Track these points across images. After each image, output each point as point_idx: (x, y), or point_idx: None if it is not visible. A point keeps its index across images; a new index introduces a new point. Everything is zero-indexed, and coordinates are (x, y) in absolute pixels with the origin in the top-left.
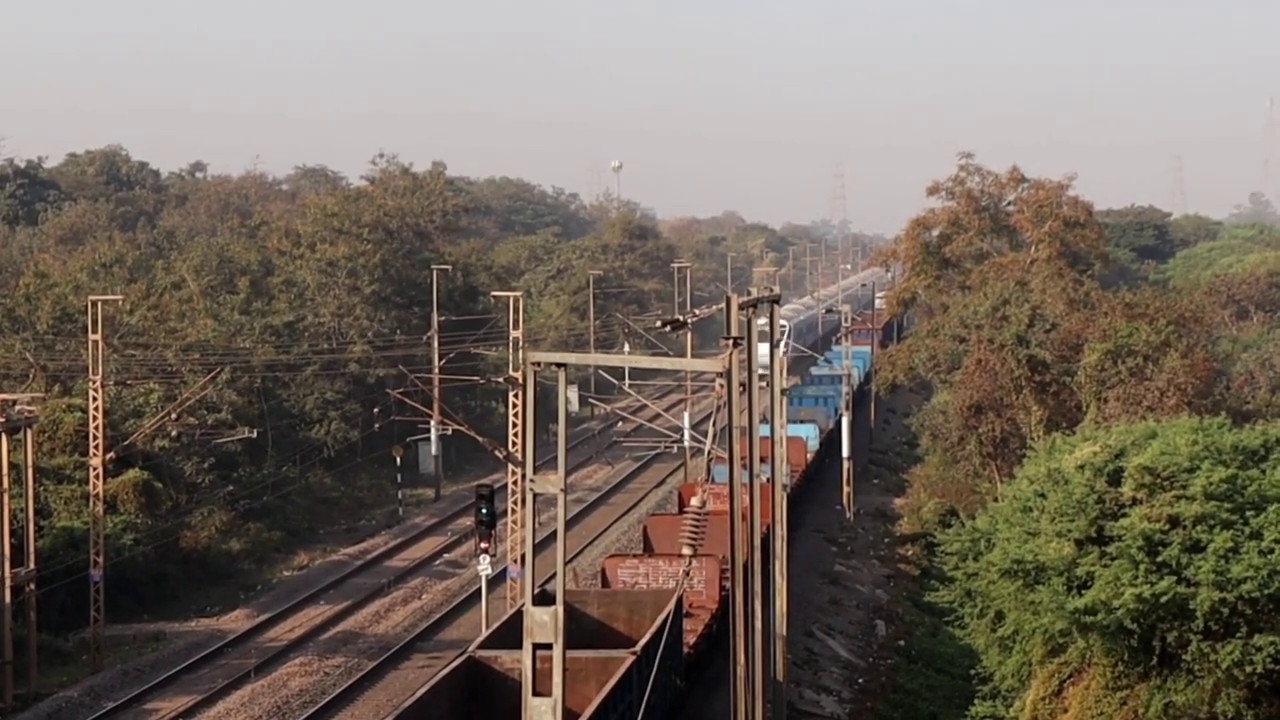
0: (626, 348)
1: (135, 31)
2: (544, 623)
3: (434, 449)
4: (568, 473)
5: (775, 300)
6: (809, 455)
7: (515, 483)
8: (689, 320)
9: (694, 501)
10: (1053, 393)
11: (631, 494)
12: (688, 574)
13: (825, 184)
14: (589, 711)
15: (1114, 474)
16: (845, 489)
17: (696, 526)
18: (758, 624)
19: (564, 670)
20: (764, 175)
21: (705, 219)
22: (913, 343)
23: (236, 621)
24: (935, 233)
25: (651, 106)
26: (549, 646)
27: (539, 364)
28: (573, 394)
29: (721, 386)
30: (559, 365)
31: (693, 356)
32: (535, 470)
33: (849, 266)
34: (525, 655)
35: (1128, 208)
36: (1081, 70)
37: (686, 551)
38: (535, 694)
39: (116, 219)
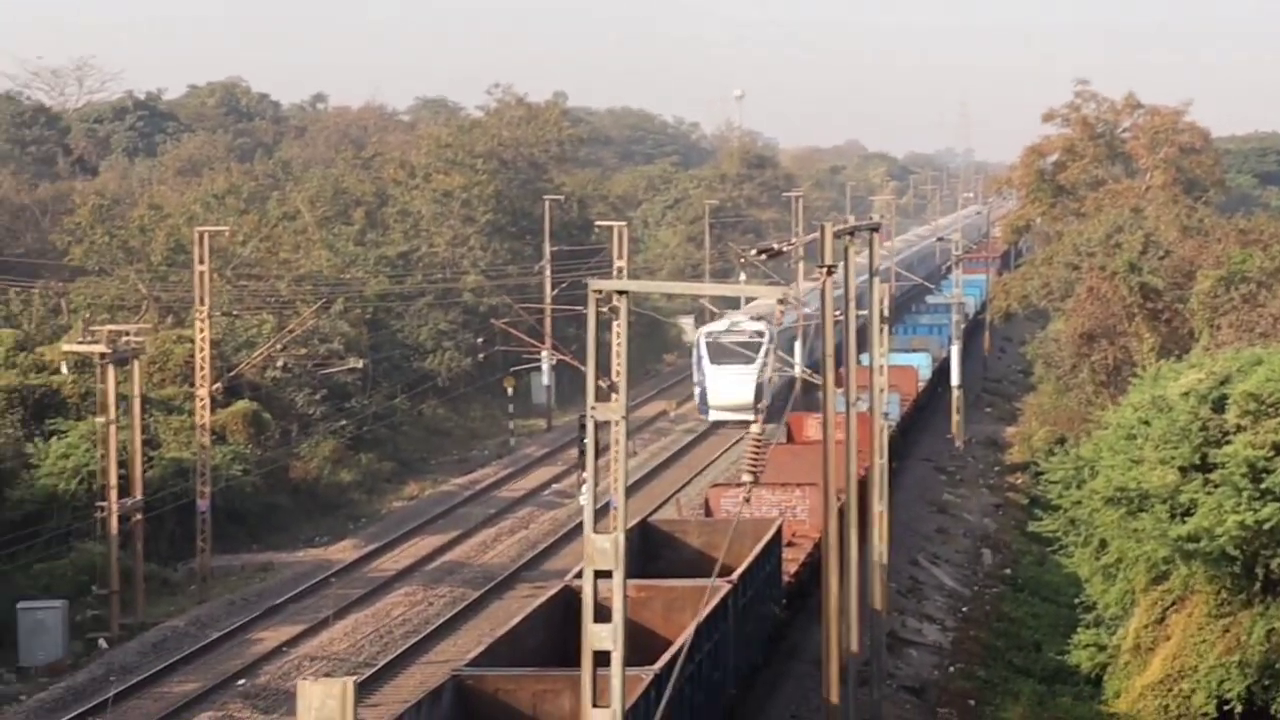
0: (743, 277)
1: None
2: (605, 549)
3: (545, 379)
4: (679, 403)
5: (875, 229)
6: (920, 384)
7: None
8: (785, 249)
9: (753, 429)
10: (1165, 320)
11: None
12: (747, 500)
13: (950, 112)
14: (682, 638)
15: (1218, 401)
16: (955, 417)
17: (757, 453)
18: (854, 553)
19: (625, 597)
20: (888, 104)
21: (827, 148)
22: (1027, 270)
23: (344, 552)
24: (1050, 160)
25: (776, 34)
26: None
27: (601, 291)
28: (689, 323)
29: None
30: (621, 293)
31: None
32: (637, 398)
33: (971, 195)
34: (586, 582)
35: (1251, 133)
36: None
37: (746, 479)
38: (597, 620)
39: (235, 150)
